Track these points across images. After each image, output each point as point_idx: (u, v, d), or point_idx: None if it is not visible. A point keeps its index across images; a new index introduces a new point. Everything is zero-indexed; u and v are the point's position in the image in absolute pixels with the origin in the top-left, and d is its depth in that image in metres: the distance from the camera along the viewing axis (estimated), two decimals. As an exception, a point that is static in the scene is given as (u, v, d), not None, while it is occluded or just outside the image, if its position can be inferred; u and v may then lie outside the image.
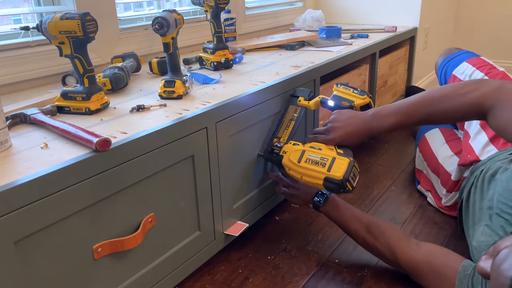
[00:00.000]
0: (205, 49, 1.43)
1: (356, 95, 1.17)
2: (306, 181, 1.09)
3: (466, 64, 1.44)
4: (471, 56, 1.48)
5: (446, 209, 1.38)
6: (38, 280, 0.74)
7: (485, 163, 1.17)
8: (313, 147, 1.10)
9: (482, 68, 1.39)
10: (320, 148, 1.09)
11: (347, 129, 1.09)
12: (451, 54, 1.55)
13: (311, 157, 1.08)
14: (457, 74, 1.45)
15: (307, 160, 1.08)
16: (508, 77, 1.34)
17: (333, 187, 1.04)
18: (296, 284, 1.10)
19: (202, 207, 1.06)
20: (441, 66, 1.55)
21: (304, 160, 1.09)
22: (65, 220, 0.76)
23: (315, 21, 2.12)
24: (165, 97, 1.11)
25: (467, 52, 1.51)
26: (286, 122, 1.24)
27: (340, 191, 1.04)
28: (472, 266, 0.92)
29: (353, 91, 1.19)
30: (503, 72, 1.36)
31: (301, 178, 1.09)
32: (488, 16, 2.92)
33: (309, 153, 1.09)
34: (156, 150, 0.90)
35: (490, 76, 1.35)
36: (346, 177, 1.03)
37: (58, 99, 1.02)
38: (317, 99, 1.23)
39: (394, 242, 1.05)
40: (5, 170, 0.73)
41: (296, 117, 1.24)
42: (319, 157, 1.07)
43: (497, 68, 1.38)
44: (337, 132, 1.10)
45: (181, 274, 1.05)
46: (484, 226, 0.96)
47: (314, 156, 1.08)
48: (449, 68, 1.51)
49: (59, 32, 0.94)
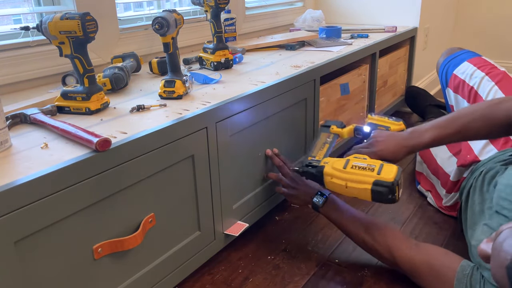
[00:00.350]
0: (205, 49, 1.43)
1: (391, 122, 1.19)
2: (352, 189, 1.03)
3: (467, 64, 1.44)
4: (472, 55, 1.48)
5: (446, 209, 1.38)
6: (38, 280, 0.74)
7: (485, 164, 1.17)
8: (357, 157, 1.08)
9: (483, 68, 1.39)
10: (365, 158, 1.07)
11: (389, 144, 1.09)
12: (452, 53, 1.55)
13: (357, 164, 1.05)
14: (458, 73, 1.45)
15: (353, 166, 1.05)
16: (509, 77, 1.34)
17: (382, 191, 1.00)
18: (296, 284, 1.10)
19: (202, 207, 1.06)
20: (442, 66, 1.56)
21: (350, 166, 1.05)
22: (65, 220, 0.76)
23: (315, 21, 2.12)
24: (165, 97, 1.11)
25: (468, 52, 1.51)
26: (319, 145, 1.21)
27: (388, 197, 0.99)
28: (470, 266, 0.93)
29: (388, 118, 1.20)
30: (504, 72, 1.36)
31: (345, 185, 1.04)
32: (488, 16, 2.92)
33: (354, 161, 1.06)
34: (156, 150, 0.90)
35: (491, 76, 1.35)
36: (397, 180, 0.99)
37: (58, 99, 1.02)
38: (351, 127, 1.23)
39: (393, 243, 1.05)
40: (5, 170, 0.73)
41: (330, 141, 1.20)
42: (365, 164, 1.04)
43: (498, 68, 1.38)
44: (379, 145, 1.10)
45: (181, 274, 1.05)
46: (483, 225, 0.96)
47: (360, 163, 1.04)
48: (450, 67, 1.51)
49: (59, 32, 0.94)
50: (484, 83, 1.35)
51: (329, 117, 1.58)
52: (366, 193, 1.02)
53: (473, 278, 0.90)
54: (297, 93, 1.32)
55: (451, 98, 1.49)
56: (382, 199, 1.01)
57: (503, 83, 1.31)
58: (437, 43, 2.68)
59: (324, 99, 1.51)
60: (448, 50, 1.59)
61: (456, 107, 1.46)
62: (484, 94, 1.33)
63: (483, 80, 1.35)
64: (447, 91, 1.50)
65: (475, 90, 1.36)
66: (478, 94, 1.35)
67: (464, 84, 1.41)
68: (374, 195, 1.01)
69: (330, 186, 1.09)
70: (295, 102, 1.33)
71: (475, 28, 2.99)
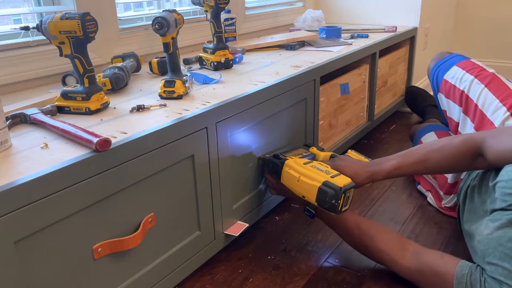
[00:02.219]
0: (205, 49, 1.43)
1: (366, 160, 1.23)
2: (302, 183, 1.08)
3: (456, 68, 1.44)
4: (461, 59, 1.48)
5: (446, 210, 1.38)
6: (38, 280, 0.74)
7: None
8: (321, 163, 1.14)
9: (472, 71, 1.39)
10: (327, 166, 1.12)
11: (352, 165, 1.15)
12: (441, 58, 1.55)
13: (317, 166, 1.12)
14: (448, 78, 1.46)
15: (313, 166, 1.11)
16: (498, 79, 1.34)
17: (328, 192, 1.02)
18: (296, 284, 1.10)
19: (202, 207, 1.06)
20: (432, 71, 1.56)
21: (310, 165, 1.12)
22: (65, 220, 0.76)
23: (315, 21, 2.12)
24: (165, 97, 1.11)
25: (457, 56, 1.51)
26: (294, 153, 1.27)
27: (331, 201, 1.02)
28: (468, 265, 0.93)
29: (365, 157, 1.25)
30: (492, 73, 1.36)
31: (298, 178, 1.09)
32: (488, 16, 2.92)
33: (316, 164, 1.13)
34: (156, 150, 0.90)
35: (480, 78, 1.35)
36: (344, 189, 1.02)
37: (58, 99, 1.02)
38: (328, 153, 1.29)
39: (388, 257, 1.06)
40: (5, 170, 0.73)
41: (304, 155, 1.26)
42: (324, 169, 1.09)
43: (487, 70, 1.38)
44: (343, 163, 1.16)
45: (181, 274, 1.05)
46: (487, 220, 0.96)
47: (321, 167, 1.11)
48: (440, 72, 1.51)
49: (59, 32, 0.94)
50: (474, 86, 1.35)
51: (329, 116, 1.58)
52: (313, 191, 1.05)
53: (473, 277, 0.90)
54: (297, 93, 1.32)
55: (443, 103, 1.49)
56: (325, 201, 1.03)
57: (492, 85, 1.32)
58: (437, 43, 2.68)
59: (324, 99, 1.51)
60: (438, 55, 1.59)
61: (449, 112, 1.46)
62: (474, 97, 1.33)
63: (473, 84, 1.36)
64: (439, 96, 1.51)
65: (465, 94, 1.37)
66: (469, 98, 1.35)
67: (455, 88, 1.41)
68: (319, 194, 1.04)
69: (284, 177, 1.14)
70: (295, 102, 1.33)
71: (475, 28, 2.99)
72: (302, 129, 1.41)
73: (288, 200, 1.46)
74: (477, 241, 0.97)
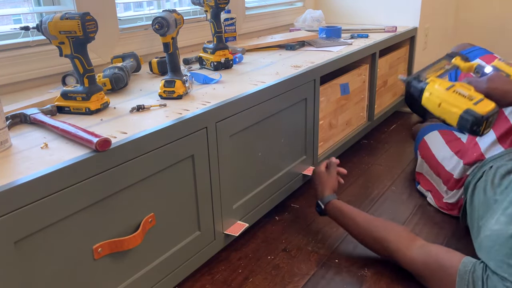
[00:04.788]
0: (205, 49, 1.43)
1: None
2: (443, 109, 1.05)
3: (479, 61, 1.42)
4: (484, 53, 1.46)
5: (446, 208, 1.38)
6: (38, 280, 0.74)
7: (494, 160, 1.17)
8: (463, 86, 1.07)
9: None
10: (470, 89, 1.06)
11: (504, 86, 1.06)
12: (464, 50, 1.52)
13: (459, 90, 1.05)
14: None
15: (455, 91, 1.05)
16: None
17: (469, 120, 1.00)
18: (296, 284, 1.10)
19: (202, 207, 1.06)
20: None
21: (453, 90, 1.06)
22: (65, 220, 0.76)
23: (315, 21, 2.12)
24: (165, 97, 1.11)
25: (480, 49, 1.48)
26: (435, 67, 1.20)
27: (473, 128, 1.00)
28: (472, 262, 0.93)
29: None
30: None
31: (439, 104, 1.06)
32: (488, 16, 2.92)
33: (458, 88, 1.06)
34: (156, 150, 0.90)
35: None
36: (487, 117, 0.99)
37: (58, 99, 1.02)
38: (473, 63, 1.21)
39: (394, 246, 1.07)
40: (5, 170, 0.73)
41: (447, 68, 1.20)
42: (467, 93, 1.04)
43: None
44: (493, 84, 1.06)
45: (181, 274, 1.05)
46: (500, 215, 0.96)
47: (463, 91, 1.05)
48: None
49: (59, 32, 0.94)
50: None
51: (329, 116, 1.58)
52: (454, 117, 1.03)
53: (475, 274, 0.90)
54: (297, 93, 1.32)
55: None
56: (466, 128, 1.02)
57: None
58: (437, 43, 2.68)
59: (324, 99, 1.51)
60: (459, 46, 1.56)
61: None
62: None
63: None
64: None
65: None
66: None
67: None
68: (460, 121, 1.02)
69: (424, 101, 1.11)
70: (295, 102, 1.33)
71: (475, 28, 2.98)
72: (302, 129, 1.41)
73: (288, 200, 1.46)
74: (485, 236, 0.97)
